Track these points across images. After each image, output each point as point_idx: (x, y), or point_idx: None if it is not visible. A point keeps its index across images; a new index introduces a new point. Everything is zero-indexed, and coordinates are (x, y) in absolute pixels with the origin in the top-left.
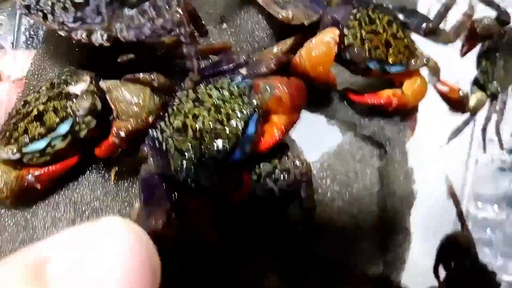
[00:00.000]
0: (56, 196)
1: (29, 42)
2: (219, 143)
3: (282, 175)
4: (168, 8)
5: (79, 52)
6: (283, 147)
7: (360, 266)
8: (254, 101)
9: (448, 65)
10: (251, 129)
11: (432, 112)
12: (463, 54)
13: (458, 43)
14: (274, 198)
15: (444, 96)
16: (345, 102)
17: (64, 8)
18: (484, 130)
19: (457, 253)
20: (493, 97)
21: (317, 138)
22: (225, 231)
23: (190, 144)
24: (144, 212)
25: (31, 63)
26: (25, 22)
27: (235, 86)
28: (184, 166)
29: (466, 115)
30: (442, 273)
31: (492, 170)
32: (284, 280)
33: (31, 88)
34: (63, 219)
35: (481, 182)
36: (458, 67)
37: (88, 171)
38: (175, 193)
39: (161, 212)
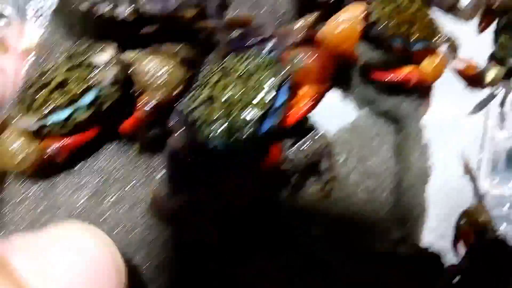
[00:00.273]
0: (78, 166)
1: (36, 13)
2: (248, 112)
3: (303, 147)
4: None
5: (92, 25)
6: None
7: (375, 240)
8: (283, 72)
9: (461, 40)
10: (281, 99)
11: (448, 89)
12: (481, 30)
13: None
14: (295, 171)
15: (461, 73)
16: (363, 78)
17: None
18: (502, 105)
19: (476, 228)
20: (510, 71)
21: (333, 114)
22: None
23: (218, 115)
24: (172, 183)
25: (42, 34)
26: None
27: (263, 57)
28: (213, 135)
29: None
30: (462, 249)
31: (509, 146)
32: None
33: (42, 59)
34: (85, 188)
35: (498, 159)
36: (472, 43)
37: (108, 142)
38: (202, 166)
39: (190, 182)
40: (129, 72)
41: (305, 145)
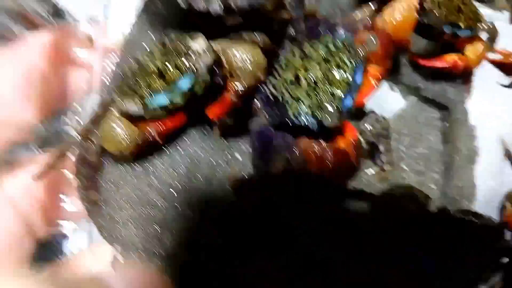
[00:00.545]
0: (170, 148)
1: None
2: (333, 89)
3: (369, 128)
4: None
5: (175, 22)
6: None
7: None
8: (362, 51)
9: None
10: (358, 77)
11: (485, 75)
12: None
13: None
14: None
15: (498, 64)
16: (412, 66)
17: None
18: None
19: None
20: None
21: (381, 102)
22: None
23: (306, 93)
24: (261, 159)
25: (128, 33)
26: None
27: (339, 40)
28: (303, 111)
29: None
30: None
31: None
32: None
33: (128, 55)
34: (181, 165)
35: None
36: (507, 33)
37: (194, 126)
38: (292, 140)
39: (281, 159)
40: (218, 59)
41: (367, 126)
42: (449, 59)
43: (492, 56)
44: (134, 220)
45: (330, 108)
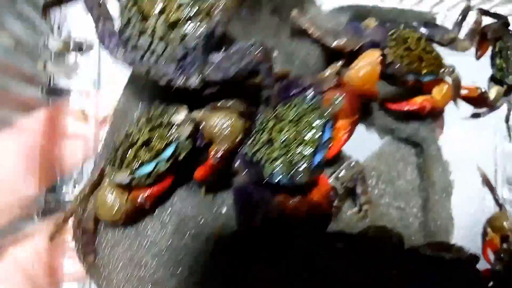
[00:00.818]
0: (159, 209)
1: (110, 83)
2: (303, 148)
3: (342, 175)
4: (250, 51)
5: (160, 92)
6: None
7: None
8: (328, 111)
9: (463, 68)
10: (327, 135)
11: (456, 112)
12: (479, 57)
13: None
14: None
15: (466, 98)
16: (382, 110)
17: (167, 62)
18: (507, 120)
19: (501, 233)
20: (510, 89)
21: (359, 145)
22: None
23: (278, 153)
24: (242, 215)
25: (117, 104)
26: (106, 67)
27: (308, 102)
28: (277, 170)
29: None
30: (491, 255)
31: None
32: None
33: (119, 123)
34: (169, 224)
35: (511, 168)
36: (472, 69)
37: (181, 186)
38: (269, 196)
39: (259, 213)
40: (199, 127)
41: (341, 173)
42: (417, 102)
43: (461, 92)
44: (127, 280)
45: (301, 167)
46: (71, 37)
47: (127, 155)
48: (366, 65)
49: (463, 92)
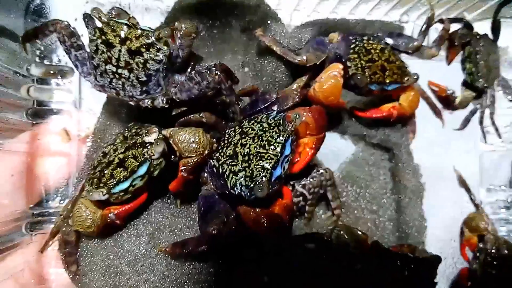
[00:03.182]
0: (135, 220)
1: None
2: (263, 163)
3: (310, 182)
4: (209, 72)
5: (136, 111)
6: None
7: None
8: (288, 128)
9: (441, 73)
10: (287, 150)
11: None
12: (449, 62)
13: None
14: (306, 201)
15: (436, 95)
16: (353, 118)
17: (133, 86)
18: (481, 122)
19: (478, 233)
20: (482, 92)
21: (334, 152)
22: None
23: (241, 166)
24: (203, 220)
25: (97, 122)
26: (86, 88)
27: (271, 119)
28: (238, 183)
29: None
30: (469, 254)
31: (495, 157)
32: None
33: (99, 142)
34: (144, 234)
35: (488, 169)
36: (449, 74)
37: (156, 200)
38: (230, 205)
39: (217, 221)
40: (169, 144)
41: (310, 180)
42: (384, 109)
43: (432, 88)
44: (104, 287)
45: (260, 180)
46: (52, 63)
47: (104, 174)
48: (329, 79)
49: (434, 89)
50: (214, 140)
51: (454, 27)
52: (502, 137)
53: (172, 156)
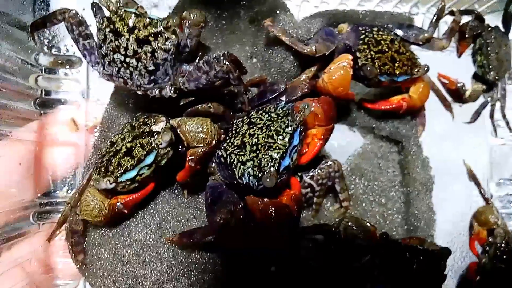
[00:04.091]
0: (143, 210)
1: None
2: (271, 153)
3: (318, 173)
4: (217, 61)
5: (143, 101)
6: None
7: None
8: (297, 119)
9: (452, 65)
10: (295, 140)
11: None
12: (460, 54)
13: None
14: (314, 192)
15: (446, 88)
16: (362, 110)
17: (141, 75)
18: (491, 116)
19: (487, 227)
20: (493, 85)
21: (343, 144)
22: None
23: (249, 156)
24: (210, 210)
25: (105, 112)
26: (94, 78)
27: (280, 109)
28: (246, 173)
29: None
30: (478, 248)
31: (506, 151)
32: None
33: (106, 131)
34: (151, 225)
35: (498, 163)
36: (460, 66)
37: (163, 190)
38: (238, 195)
39: (225, 211)
40: (177, 134)
41: (318, 171)
42: (393, 101)
43: (442, 80)
44: (111, 276)
45: (268, 170)
46: (61, 52)
47: (111, 163)
48: (338, 69)
49: (444, 81)
50: (222, 130)
51: (465, 19)
52: None
53: (180, 146)
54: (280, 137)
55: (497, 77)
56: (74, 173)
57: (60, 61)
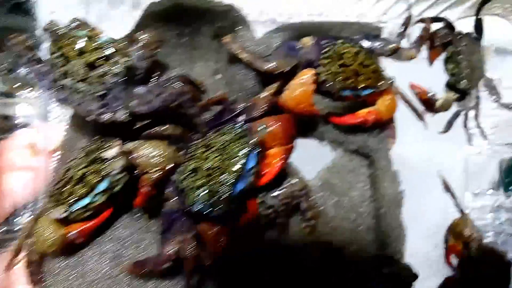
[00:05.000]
0: (101, 237)
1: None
2: (224, 177)
3: (281, 193)
4: (169, 84)
5: (101, 124)
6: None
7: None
8: (253, 140)
9: (426, 74)
10: (251, 163)
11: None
12: (431, 63)
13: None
14: (277, 213)
15: (418, 97)
16: (331, 124)
17: (92, 100)
18: (465, 125)
19: (463, 240)
20: (465, 94)
21: (313, 159)
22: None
23: (201, 182)
24: (162, 239)
25: (64, 136)
26: (52, 101)
27: (236, 130)
28: (197, 200)
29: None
30: (454, 261)
31: (482, 160)
32: None
33: (66, 156)
34: (107, 253)
35: (474, 173)
36: (434, 74)
37: (123, 215)
38: (191, 224)
39: (175, 241)
40: (131, 159)
41: (281, 191)
42: (360, 115)
43: (413, 90)
44: None
45: (221, 196)
46: (18, 75)
47: (64, 191)
48: (299, 86)
49: (416, 91)
50: (180, 153)
51: (437, 25)
52: (488, 139)
53: (136, 171)
54: (234, 160)
55: (469, 85)
56: (35, 199)
57: (17, 85)
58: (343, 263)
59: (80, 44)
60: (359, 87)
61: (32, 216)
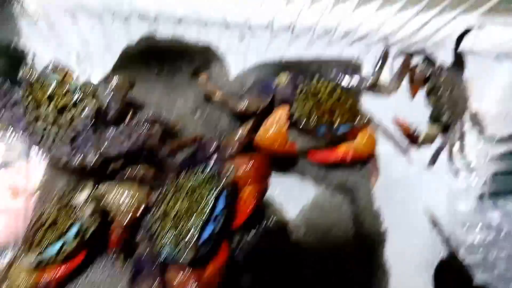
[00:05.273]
0: (76, 281)
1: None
2: (192, 222)
3: (260, 234)
4: (139, 126)
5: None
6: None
7: None
8: (223, 181)
9: (410, 107)
10: (220, 205)
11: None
12: (413, 96)
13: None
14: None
15: (402, 132)
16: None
17: (62, 143)
18: (450, 159)
19: (452, 278)
20: (448, 127)
21: (294, 196)
22: None
23: (169, 226)
24: (130, 284)
25: (43, 176)
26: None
27: (206, 171)
28: (165, 246)
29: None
30: None
31: (470, 196)
32: None
33: (44, 197)
34: None
35: (462, 208)
36: (418, 107)
37: (98, 258)
38: (159, 271)
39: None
40: (102, 202)
41: (261, 231)
42: (338, 152)
43: (397, 126)
44: None
45: (187, 243)
46: None
47: (37, 236)
48: (273, 124)
49: (399, 126)
50: (153, 195)
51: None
52: (475, 172)
53: (109, 214)
54: (203, 203)
55: (452, 118)
56: (16, 241)
57: None
58: None
59: (51, 88)
60: (335, 124)
61: (8, 261)
